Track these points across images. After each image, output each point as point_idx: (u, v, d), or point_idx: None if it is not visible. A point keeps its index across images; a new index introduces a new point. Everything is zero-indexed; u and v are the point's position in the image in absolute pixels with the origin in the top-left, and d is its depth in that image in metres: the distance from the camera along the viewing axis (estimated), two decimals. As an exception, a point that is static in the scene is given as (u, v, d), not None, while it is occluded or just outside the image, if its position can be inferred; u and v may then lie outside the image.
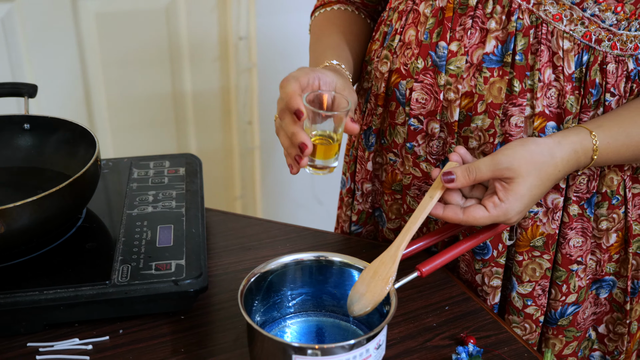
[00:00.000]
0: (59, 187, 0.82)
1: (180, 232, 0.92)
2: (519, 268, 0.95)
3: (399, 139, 0.98)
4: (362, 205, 1.08)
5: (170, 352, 0.82)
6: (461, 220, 0.78)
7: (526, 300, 0.97)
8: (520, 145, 0.79)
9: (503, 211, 0.78)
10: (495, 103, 0.88)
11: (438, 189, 0.80)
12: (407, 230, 0.79)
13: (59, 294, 0.81)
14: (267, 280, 0.81)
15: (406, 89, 0.94)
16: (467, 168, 0.78)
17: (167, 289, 0.83)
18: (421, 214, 0.79)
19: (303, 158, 0.78)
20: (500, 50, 0.87)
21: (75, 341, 0.83)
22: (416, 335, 0.86)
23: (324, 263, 0.82)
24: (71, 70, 1.79)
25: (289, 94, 0.77)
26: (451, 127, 0.92)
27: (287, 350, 0.71)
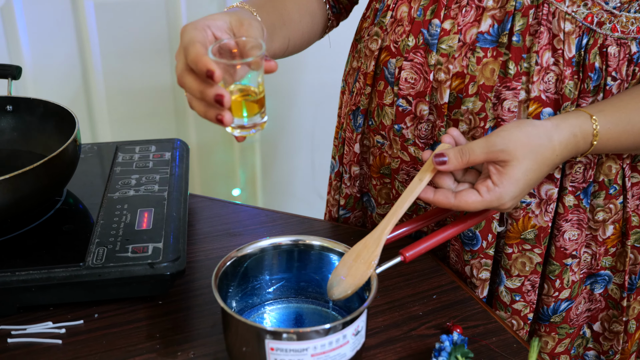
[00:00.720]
0: (32, 167, 0.80)
1: (160, 216, 0.90)
2: (508, 261, 0.92)
3: (387, 121, 0.95)
4: (350, 189, 1.05)
5: (145, 337, 0.80)
6: (452, 205, 0.75)
7: (514, 295, 0.94)
8: (516, 127, 0.76)
9: (497, 196, 0.74)
10: (487, 85, 0.84)
11: (428, 171, 0.76)
12: (394, 214, 0.76)
13: (31, 275, 0.79)
14: (244, 265, 0.78)
15: (395, 67, 0.91)
16: (460, 150, 0.75)
17: (142, 271, 0.80)
18: (409, 197, 0.76)
19: (225, 113, 0.70)
20: (496, 30, 0.83)
21: (48, 325, 0.81)
22: (401, 324, 0.83)
23: (302, 247, 0.79)
24: (70, 60, 1.77)
25: (194, 58, 0.68)
26: (440, 110, 0.88)
27: (261, 335, 0.68)
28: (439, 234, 0.77)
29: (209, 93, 0.68)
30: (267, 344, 0.68)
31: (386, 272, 0.91)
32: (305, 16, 0.98)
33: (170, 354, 0.77)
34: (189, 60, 0.69)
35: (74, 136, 0.87)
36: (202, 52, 0.68)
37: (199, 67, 0.68)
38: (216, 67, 0.67)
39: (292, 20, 0.95)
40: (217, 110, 0.70)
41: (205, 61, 0.67)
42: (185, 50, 0.70)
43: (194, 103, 0.71)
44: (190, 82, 0.70)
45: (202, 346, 0.78)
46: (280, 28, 0.92)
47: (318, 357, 0.69)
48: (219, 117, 0.69)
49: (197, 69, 0.68)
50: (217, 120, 0.70)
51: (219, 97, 0.68)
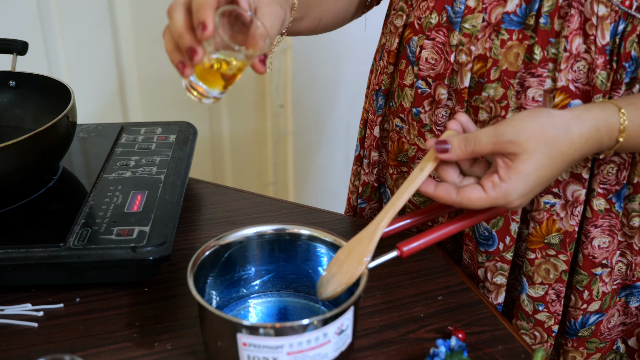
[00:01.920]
0: (15, 141, 0.77)
1: (153, 199, 0.85)
2: (531, 267, 0.84)
3: (406, 103, 0.88)
4: (368, 177, 0.99)
5: (124, 325, 0.75)
6: (454, 200, 0.67)
7: (537, 304, 0.85)
8: (529, 115, 0.67)
9: (503, 192, 0.65)
10: (510, 71, 0.77)
11: (430, 160, 0.69)
12: (391, 206, 0.69)
13: (8, 254, 0.75)
14: (225, 254, 0.72)
15: (417, 46, 0.84)
16: (465, 138, 0.66)
17: (123, 255, 0.75)
18: (408, 189, 0.68)
19: (188, 67, 0.64)
20: (523, 10, 0.76)
21: (27, 306, 0.77)
22: (398, 326, 0.76)
23: (287, 237, 0.73)
24: (104, 48, 1.76)
25: (201, 2, 0.62)
26: (460, 95, 0.81)
27: (233, 328, 0.62)
28: (441, 228, 0.70)
29: (186, 40, 0.63)
30: (240, 339, 0.62)
31: (390, 269, 0.85)
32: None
33: (147, 344, 0.73)
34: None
35: (64, 113, 0.83)
36: (211, 2, 0.62)
37: (198, 13, 0.62)
38: (212, 25, 0.61)
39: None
40: (182, 58, 0.64)
41: (206, 13, 0.61)
42: None
43: (166, 35, 0.65)
44: (178, 18, 0.63)
45: (181, 338, 0.73)
46: (314, 8, 0.86)
47: (295, 355, 0.63)
48: (180, 65, 0.64)
49: (195, 13, 0.62)
50: (177, 65, 0.64)
51: (191, 52, 0.62)
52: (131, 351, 0.72)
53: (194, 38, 0.63)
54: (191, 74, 0.65)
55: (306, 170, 2.08)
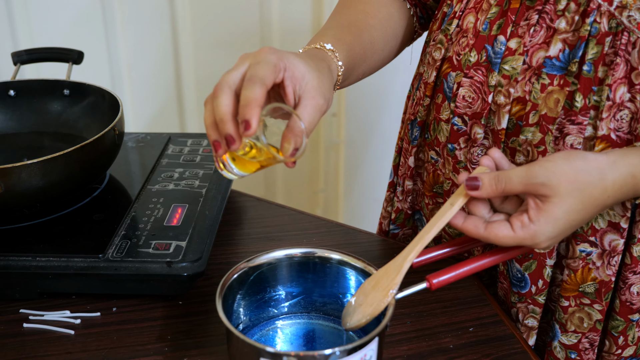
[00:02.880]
0: (62, 153, 0.79)
1: (192, 213, 0.87)
2: (564, 315, 0.82)
3: (442, 137, 0.87)
4: (402, 204, 0.98)
5: (156, 338, 0.77)
6: (481, 235, 0.66)
7: (570, 352, 0.83)
8: (564, 158, 0.65)
9: (531, 234, 0.64)
10: (549, 116, 0.75)
11: (461, 195, 0.68)
12: (420, 239, 0.68)
13: (50, 262, 0.78)
14: (255, 275, 0.73)
15: (454, 82, 0.83)
16: (497, 176, 0.65)
17: (159, 270, 0.77)
18: (437, 222, 0.68)
19: (222, 149, 0.64)
20: (566, 55, 0.74)
21: (66, 313, 0.80)
22: (426, 356, 0.75)
23: (316, 260, 0.74)
24: (163, 49, 1.80)
25: (250, 99, 0.61)
26: (497, 136, 0.80)
27: (255, 353, 0.63)
28: (472, 262, 0.69)
29: (227, 128, 0.63)
30: (262, 364, 0.63)
31: (423, 297, 0.85)
32: (390, 41, 0.92)
33: (176, 358, 0.74)
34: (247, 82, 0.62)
35: (111, 126, 0.86)
36: (260, 96, 0.62)
37: (244, 110, 0.61)
38: (256, 125, 0.61)
39: (375, 51, 0.89)
40: (219, 139, 0.64)
41: (252, 112, 0.61)
42: (256, 65, 0.64)
43: (208, 107, 0.65)
44: (224, 102, 0.63)
45: (210, 355, 0.75)
46: (359, 66, 0.86)
47: (316, 384, 0.63)
48: (215, 144, 0.65)
49: (241, 108, 0.62)
50: (212, 143, 0.65)
51: (229, 140, 0.63)
52: (161, 365, 0.73)
53: (235, 127, 0.63)
54: (223, 154, 0.66)
55: (356, 178, 2.08)
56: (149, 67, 1.80)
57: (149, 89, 1.82)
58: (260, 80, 0.63)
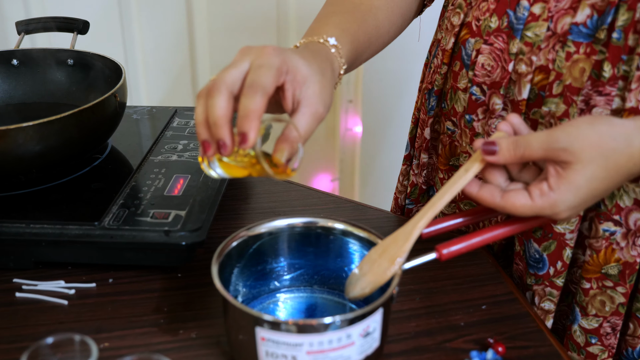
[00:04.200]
0: (59, 117, 0.76)
1: (194, 184, 0.84)
2: (585, 297, 0.77)
3: (459, 107, 0.83)
4: (417, 178, 0.94)
5: (152, 310, 0.74)
6: (497, 204, 0.62)
7: (590, 337, 0.79)
8: (588, 123, 0.60)
9: (550, 202, 0.59)
10: (574, 87, 0.71)
11: (477, 161, 0.63)
12: (431, 207, 0.64)
13: (44, 229, 0.75)
14: (255, 245, 0.70)
15: (473, 49, 0.79)
16: (515, 141, 0.61)
17: (156, 238, 0.74)
18: (450, 189, 0.63)
19: (211, 150, 0.60)
20: (594, 22, 0.69)
21: (60, 283, 0.77)
22: (435, 333, 0.71)
23: (319, 231, 0.70)
24: (178, 34, 1.78)
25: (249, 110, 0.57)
26: (517, 106, 0.75)
27: (252, 322, 0.59)
28: (485, 232, 0.65)
29: (221, 133, 0.59)
30: (258, 333, 0.59)
31: (434, 273, 0.80)
32: (397, 22, 0.87)
33: (172, 330, 0.71)
34: (248, 89, 0.58)
35: (112, 91, 0.83)
36: (261, 107, 0.58)
37: (243, 122, 0.58)
38: (254, 138, 0.58)
39: (379, 35, 0.84)
40: (209, 140, 0.60)
41: (250, 125, 0.57)
42: (258, 70, 0.59)
43: (200, 104, 0.61)
44: (219, 104, 0.59)
45: (207, 327, 0.71)
46: (361, 56, 0.81)
47: (315, 355, 0.59)
48: (205, 144, 0.60)
49: (239, 119, 0.58)
50: (201, 142, 0.61)
51: (221, 145, 0.59)
52: (155, 337, 0.70)
53: (230, 133, 0.59)
54: (212, 156, 0.62)
55: (372, 166, 2.04)
56: (163, 52, 1.77)
57: (164, 74, 1.80)
58: (262, 88, 0.58)
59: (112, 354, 0.67)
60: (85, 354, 0.56)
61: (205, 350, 0.68)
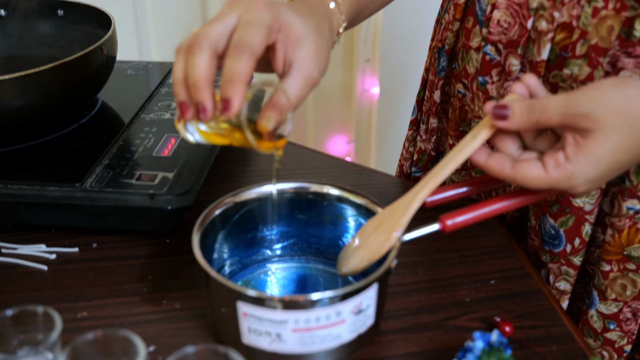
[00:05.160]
0: (39, 70, 0.71)
1: (186, 144, 0.78)
2: (604, 280, 0.71)
3: (471, 68, 0.76)
4: (425, 144, 0.88)
5: (135, 278, 0.69)
6: (507, 175, 0.55)
7: (608, 323, 0.73)
8: (613, 86, 0.52)
9: (566, 175, 0.52)
10: (600, 47, 0.63)
11: (486, 127, 0.56)
12: (433, 176, 0.58)
13: (22, 190, 0.70)
14: (243, 212, 0.64)
15: (488, 4, 0.72)
16: (530, 105, 0.53)
17: (140, 202, 0.69)
18: (455, 157, 0.57)
19: (189, 114, 0.54)
20: None
21: (41, 247, 0.73)
22: (438, 309, 0.66)
23: (311, 197, 0.64)
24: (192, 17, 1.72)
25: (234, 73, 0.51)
26: (536, 68, 0.68)
27: (233, 296, 0.54)
28: (493, 202, 0.59)
29: (201, 96, 0.52)
30: (240, 308, 0.54)
31: (440, 244, 0.75)
32: None
33: (155, 300, 0.66)
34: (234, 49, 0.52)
35: (98, 44, 0.77)
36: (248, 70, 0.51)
37: (227, 87, 0.51)
38: (238, 106, 0.51)
39: None
40: (188, 102, 0.54)
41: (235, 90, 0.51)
42: (246, 27, 0.53)
43: (179, 59, 0.54)
44: (200, 63, 0.52)
45: (192, 298, 0.66)
46: (363, 12, 0.73)
47: (301, 333, 0.54)
48: (182, 106, 0.54)
49: (224, 84, 0.52)
50: (179, 104, 0.54)
51: (200, 109, 0.53)
52: (136, 306, 0.65)
53: (210, 97, 0.53)
54: (190, 120, 0.55)
55: (389, 128, 1.97)
56: (173, 7, 1.71)
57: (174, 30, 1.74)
58: (249, 49, 0.52)
59: (90, 325, 0.63)
60: (49, 326, 0.51)
61: (188, 322, 0.64)
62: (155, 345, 0.61)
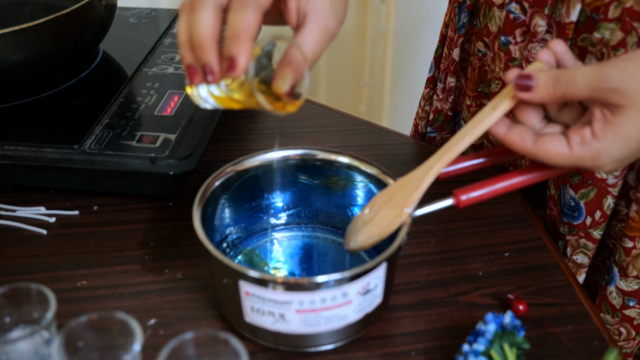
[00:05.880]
0: (34, 24, 0.67)
1: (190, 102, 0.75)
2: (625, 257, 0.68)
3: (493, 26, 0.71)
4: (441, 104, 0.83)
5: (137, 244, 0.67)
6: (528, 151, 0.51)
7: (628, 299, 0.70)
8: None
9: (592, 153, 0.49)
10: (636, 11, 0.58)
11: (507, 98, 0.52)
12: (449, 149, 0.54)
13: (19, 152, 0.68)
14: (246, 180, 0.61)
15: None
16: (556, 76, 0.49)
17: (141, 166, 0.66)
18: (473, 129, 0.53)
19: (198, 77, 0.50)
20: None
21: (40, 210, 0.70)
22: (449, 284, 0.63)
23: (318, 164, 0.61)
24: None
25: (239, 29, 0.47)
26: (563, 30, 0.63)
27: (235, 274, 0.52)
28: (511, 177, 0.55)
29: (206, 56, 0.49)
30: (242, 287, 0.52)
31: (453, 212, 0.72)
32: None
33: (157, 269, 0.64)
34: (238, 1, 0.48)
35: (96, -7, 0.73)
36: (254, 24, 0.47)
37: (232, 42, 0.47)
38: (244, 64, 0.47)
39: None
40: (195, 64, 0.50)
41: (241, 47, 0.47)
42: None
43: (183, 20, 0.50)
44: (205, 20, 0.48)
45: (195, 267, 0.64)
46: None
47: (306, 314, 0.52)
48: (191, 70, 0.50)
49: (228, 40, 0.48)
50: (186, 67, 0.50)
51: (207, 71, 0.49)
52: (138, 275, 0.63)
53: (217, 57, 0.48)
54: (199, 83, 0.51)
55: (404, 72, 1.91)
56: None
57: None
58: (254, 0, 0.48)
59: (89, 295, 0.61)
60: (43, 303, 0.49)
61: (190, 294, 0.62)
62: (156, 318, 0.59)
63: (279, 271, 0.63)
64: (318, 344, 0.55)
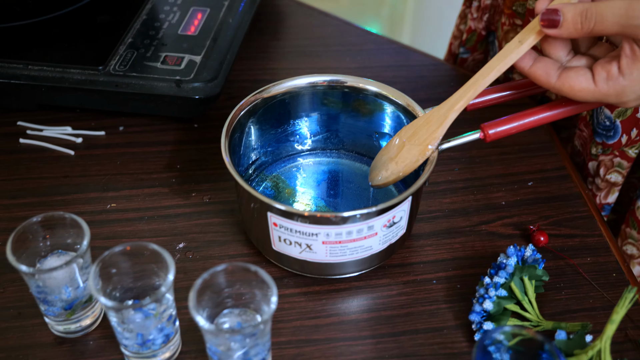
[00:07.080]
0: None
1: (213, 21, 0.73)
2: None
3: None
4: (475, 23, 0.81)
5: (164, 166, 0.68)
6: (552, 86, 0.51)
7: None
8: None
9: (617, 90, 0.48)
10: None
11: (534, 32, 0.51)
12: (473, 84, 0.53)
13: (44, 72, 0.67)
14: (272, 107, 0.61)
15: None
16: (585, 11, 0.48)
17: (166, 90, 0.66)
18: (499, 64, 0.52)
19: None
20: None
21: (67, 130, 0.71)
22: (471, 213, 0.64)
23: (346, 91, 0.61)
24: None
25: None
26: None
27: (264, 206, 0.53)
28: (539, 112, 0.55)
29: None
30: (270, 218, 0.53)
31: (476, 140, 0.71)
32: None
33: (184, 192, 0.65)
34: None
35: None
36: None
37: None
38: None
39: None
40: None
41: None
42: None
43: None
44: None
45: (222, 191, 0.65)
46: None
47: (332, 245, 0.54)
48: None
49: None
50: None
51: None
52: (165, 198, 0.65)
53: None
54: None
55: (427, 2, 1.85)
56: None
57: None
58: None
59: (119, 217, 0.63)
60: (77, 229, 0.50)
61: (218, 218, 0.63)
62: (185, 242, 0.60)
63: (304, 196, 0.63)
64: (342, 272, 0.57)
